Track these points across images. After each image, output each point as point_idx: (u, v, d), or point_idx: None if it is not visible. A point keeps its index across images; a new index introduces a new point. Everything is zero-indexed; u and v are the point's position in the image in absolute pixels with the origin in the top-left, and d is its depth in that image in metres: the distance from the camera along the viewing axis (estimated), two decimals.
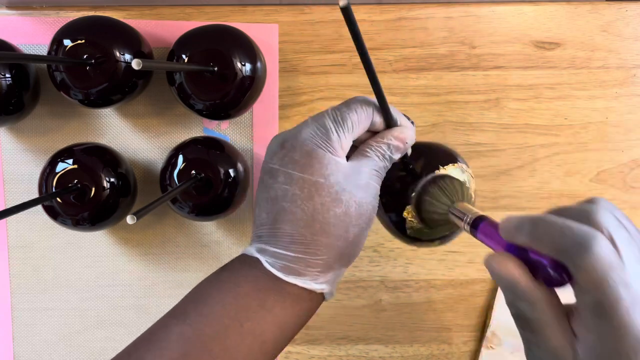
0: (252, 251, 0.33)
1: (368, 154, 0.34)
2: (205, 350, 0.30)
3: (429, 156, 0.38)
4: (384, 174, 0.34)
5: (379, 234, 0.52)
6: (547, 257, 0.26)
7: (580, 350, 0.25)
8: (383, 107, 0.33)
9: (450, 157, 0.38)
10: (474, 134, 0.52)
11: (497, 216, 0.53)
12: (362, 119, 0.33)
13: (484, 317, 0.53)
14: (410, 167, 0.38)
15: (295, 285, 0.32)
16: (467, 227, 0.32)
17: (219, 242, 0.52)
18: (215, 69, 0.43)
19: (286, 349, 0.53)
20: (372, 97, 0.34)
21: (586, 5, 0.50)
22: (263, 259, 0.32)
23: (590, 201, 0.27)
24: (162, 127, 0.51)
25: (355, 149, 0.35)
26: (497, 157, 0.52)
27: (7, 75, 0.44)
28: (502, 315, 0.52)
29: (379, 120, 0.34)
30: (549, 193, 0.52)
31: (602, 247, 0.24)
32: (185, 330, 0.31)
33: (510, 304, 0.27)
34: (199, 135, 0.49)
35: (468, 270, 0.53)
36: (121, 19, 0.45)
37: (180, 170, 0.45)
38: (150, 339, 0.31)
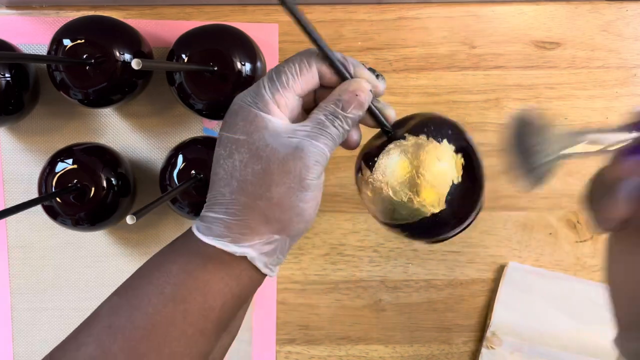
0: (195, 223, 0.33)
1: (315, 115, 0.31)
2: (128, 320, 0.29)
3: (413, 125, 0.34)
4: (339, 135, 0.32)
5: (379, 234, 0.52)
6: None
7: None
8: (327, 58, 0.31)
9: (434, 131, 0.34)
10: (474, 134, 0.51)
11: (498, 216, 0.53)
12: (301, 71, 0.31)
13: (484, 317, 0.53)
14: (390, 134, 0.34)
15: (213, 247, 0.31)
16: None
17: None
18: (215, 68, 0.43)
19: (286, 348, 0.53)
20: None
21: (586, 5, 0.50)
22: (194, 224, 0.32)
23: None
24: (161, 127, 0.51)
25: None
26: (497, 157, 0.52)
27: (7, 75, 0.44)
28: (502, 316, 0.52)
29: (328, 73, 0.32)
30: (549, 193, 0.52)
31: None
32: (116, 302, 0.31)
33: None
34: (198, 135, 0.49)
35: (468, 271, 0.53)
36: (121, 19, 0.45)
37: (180, 170, 0.45)
38: (89, 323, 0.31)
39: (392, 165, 0.33)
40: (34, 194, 0.47)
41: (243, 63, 0.44)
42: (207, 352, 0.31)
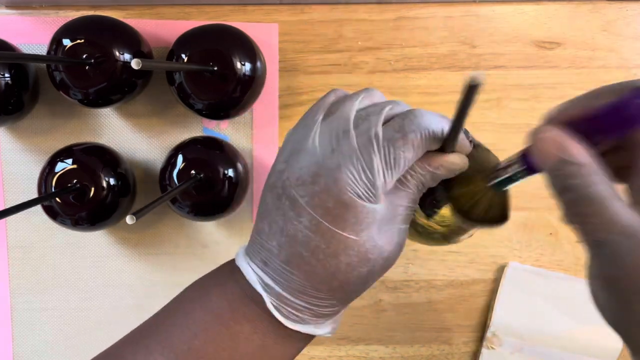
0: (254, 280, 0.29)
1: (407, 185, 0.28)
2: None
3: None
4: (416, 203, 0.29)
5: None
6: (602, 106, 0.24)
7: None
8: (453, 133, 0.27)
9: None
10: (475, 134, 0.51)
11: None
12: (418, 154, 0.28)
13: (485, 317, 0.53)
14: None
15: (298, 331, 0.29)
16: (520, 168, 0.28)
17: (218, 242, 0.52)
18: (215, 68, 0.43)
19: None
20: (439, 116, 0.28)
21: (587, 4, 0.50)
22: (268, 300, 0.28)
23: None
24: (161, 126, 0.51)
25: None
26: (498, 157, 0.52)
27: (7, 75, 0.44)
28: (502, 316, 0.52)
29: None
30: (550, 193, 0.52)
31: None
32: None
33: (561, 187, 0.25)
34: (198, 135, 0.48)
35: (468, 271, 0.52)
36: (121, 19, 0.45)
37: (179, 170, 0.45)
38: None
39: (454, 221, 0.31)
40: (34, 194, 0.47)
41: (243, 63, 0.44)
42: None
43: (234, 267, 0.30)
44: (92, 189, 0.44)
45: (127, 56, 0.43)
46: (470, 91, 0.22)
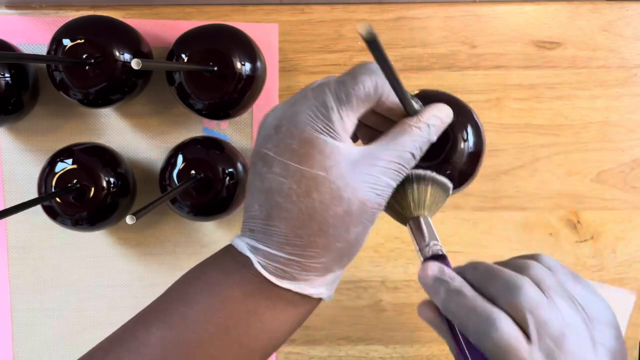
0: (243, 247, 0.30)
1: (395, 137, 0.29)
2: (187, 358, 0.28)
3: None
4: (412, 165, 0.30)
5: (379, 234, 0.52)
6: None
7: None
8: (399, 92, 0.28)
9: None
10: None
11: (498, 217, 0.53)
12: (370, 94, 0.28)
13: None
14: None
15: (289, 290, 0.29)
16: (420, 256, 0.31)
17: (218, 242, 0.52)
18: (215, 68, 0.43)
19: (286, 349, 0.53)
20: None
21: (587, 4, 0.50)
22: (255, 259, 0.29)
23: (528, 257, 0.31)
24: (161, 127, 0.51)
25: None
26: (498, 157, 0.52)
27: (7, 75, 0.44)
28: None
29: (386, 93, 0.29)
30: (550, 193, 0.52)
31: (528, 289, 0.28)
32: (167, 335, 0.28)
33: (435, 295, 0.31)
34: (198, 135, 0.48)
35: None
36: (120, 19, 0.45)
37: (179, 170, 0.45)
38: (128, 339, 0.29)
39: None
40: (34, 194, 0.47)
41: (243, 63, 0.44)
42: None
43: (228, 246, 0.32)
44: (92, 189, 0.44)
45: (127, 56, 0.43)
46: (372, 47, 0.22)
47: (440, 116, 0.30)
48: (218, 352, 0.29)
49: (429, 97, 0.33)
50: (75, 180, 0.44)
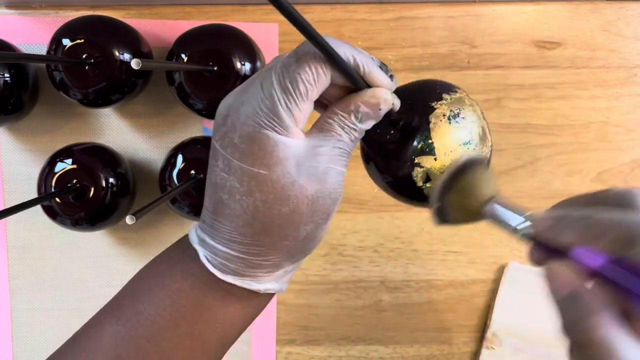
0: (194, 239, 0.29)
1: (330, 128, 0.27)
2: (139, 353, 0.28)
3: (415, 100, 0.31)
4: (352, 148, 0.28)
5: (379, 234, 0.52)
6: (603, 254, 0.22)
7: None
8: (336, 63, 0.26)
9: (441, 89, 0.31)
10: None
11: None
12: (319, 78, 0.26)
13: (485, 317, 0.53)
14: (401, 123, 0.30)
15: (234, 285, 0.28)
16: (520, 235, 0.26)
17: None
18: (215, 68, 0.43)
19: (286, 349, 0.53)
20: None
21: (587, 4, 0.50)
22: (202, 253, 0.28)
23: (629, 191, 0.24)
24: (161, 126, 0.50)
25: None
26: (498, 157, 0.52)
27: (6, 75, 0.44)
28: (502, 316, 0.52)
29: (338, 75, 0.27)
30: (550, 193, 0.52)
31: None
32: (119, 330, 0.28)
33: (571, 327, 0.23)
34: (198, 135, 0.48)
35: (468, 271, 0.52)
36: (120, 19, 0.45)
37: (179, 170, 0.45)
38: (82, 340, 0.29)
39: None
40: (34, 194, 0.47)
41: (243, 63, 0.44)
42: None
43: (183, 237, 0.31)
44: (92, 189, 0.44)
45: (126, 56, 0.43)
46: (280, 8, 0.21)
47: (371, 102, 0.28)
48: (170, 345, 0.28)
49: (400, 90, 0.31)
50: (75, 180, 0.44)
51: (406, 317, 0.53)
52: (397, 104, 0.29)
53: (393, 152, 0.30)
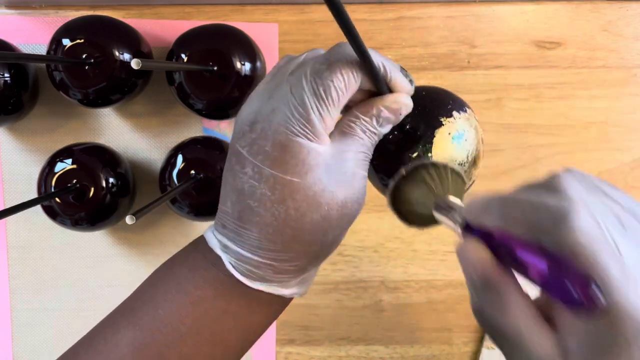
0: (215, 244, 0.29)
1: (352, 132, 0.28)
2: (159, 359, 0.27)
3: (426, 109, 0.31)
4: (371, 153, 0.29)
5: (379, 234, 0.52)
6: (522, 241, 0.22)
7: (570, 347, 0.20)
8: (369, 69, 0.26)
9: (453, 105, 0.32)
10: None
11: None
12: (350, 84, 0.26)
13: None
14: (407, 127, 0.31)
15: (261, 290, 0.28)
16: (459, 229, 0.26)
17: None
18: (215, 68, 0.43)
19: (286, 349, 0.53)
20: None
21: (587, 4, 0.50)
22: (226, 260, 0.28)
23: (557, 173, 0.23)
24: (161, 126, 0.50)
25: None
26: (498, 157, 0.52)
27: (6, 75, 0.44)
28: None
29: (366, 81, 0.27)
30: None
31: (581, 220, 0.20)
32: (137, 337, 0.28)
33: (479, 309, 0.24)
34: (198, 135, 0.48)
35: None
36: (120, 19, 0.45)
37: (179, 170, 0.45)
38: (98, 344, 0.28)
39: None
40: (33, 194, 0.47)
41: (243, 63, 0.44)
42: None
43: (199, 240, 0.31)
44: (92, 189, 0.44)
45: (126, 56, 0.43)
46: (330, 4, 0.20)
47: (393, 108, 0.28)
48: (190, 351, 0.28)
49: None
50: (74, 180, 0.44)
51: (406, 317, 0.53)
52: (411, 108, 0.30)
53: (392, 153, 0.31)
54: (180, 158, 0.45)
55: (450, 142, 0.31)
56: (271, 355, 0.53)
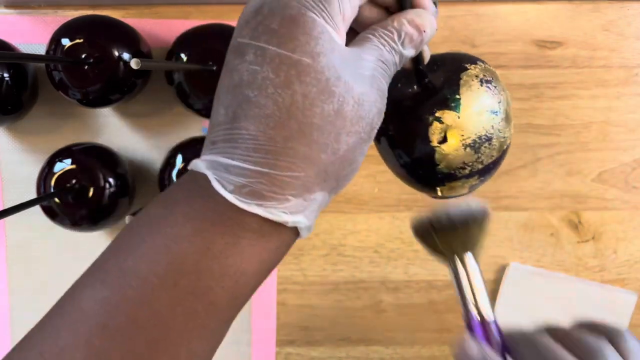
0: (200, 165, 0.23)
1: (371, 42, 0.24)
2: (128, 320, 0.22)
3: (445, 62, 0.29)
4: (392, 73, 0.25)
5: (379, 234, 0.52)
6: None
7: None
8: None
9: (473, 57, 0.29)
10: None
11: (499, 217, 0.53)
12: None
13: None
14: (427, 80, 0.27)
15: (256, 216, 0.22)
16: (463, 307, 0.26)
17: None
18: (215, 68, 0.43)
19: (286, 350, 0.53)
20: None
21: (588, 4, 0.50)
22: (212, 177, 0.23)
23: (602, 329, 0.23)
24: (161, 127, 0.50)
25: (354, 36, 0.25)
26: None
27: (5, 75, 0.44)
28: (503, 316, 0.52)
29: None
30: (551, 193, 0.52)
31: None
32: (105, 295, 0.22)
33: None
34: (198, 135, 0.48)
35: None
36: (120, 18, 0.45)
37: (179, 171, 0.45)
38: (63, 310, 0.24)
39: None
40: (33, 195, 0.46)
41: None
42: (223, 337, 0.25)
43: (185, 175, 0.26)
44: (91, 189, 0.44)
45: (126, 56, 0.43)
46: None
47: (416, 22, 0.25)
48: (166, 309, 0.22)
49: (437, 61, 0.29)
50: (74, 181, 0.44)
51: (407, 317, 0.53)
52: (428, 52, 0.27)
53: (411, 109, 0.27)
54: (179, 158, 0.45)
55: (479, 85, 0.27)
56: (271, 355, 0.53)
